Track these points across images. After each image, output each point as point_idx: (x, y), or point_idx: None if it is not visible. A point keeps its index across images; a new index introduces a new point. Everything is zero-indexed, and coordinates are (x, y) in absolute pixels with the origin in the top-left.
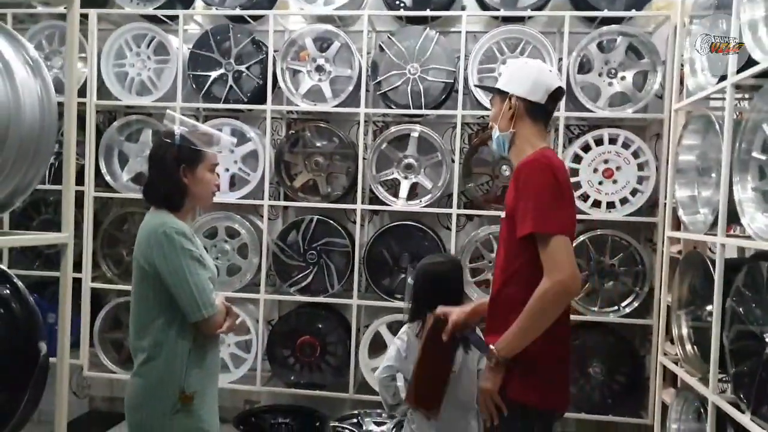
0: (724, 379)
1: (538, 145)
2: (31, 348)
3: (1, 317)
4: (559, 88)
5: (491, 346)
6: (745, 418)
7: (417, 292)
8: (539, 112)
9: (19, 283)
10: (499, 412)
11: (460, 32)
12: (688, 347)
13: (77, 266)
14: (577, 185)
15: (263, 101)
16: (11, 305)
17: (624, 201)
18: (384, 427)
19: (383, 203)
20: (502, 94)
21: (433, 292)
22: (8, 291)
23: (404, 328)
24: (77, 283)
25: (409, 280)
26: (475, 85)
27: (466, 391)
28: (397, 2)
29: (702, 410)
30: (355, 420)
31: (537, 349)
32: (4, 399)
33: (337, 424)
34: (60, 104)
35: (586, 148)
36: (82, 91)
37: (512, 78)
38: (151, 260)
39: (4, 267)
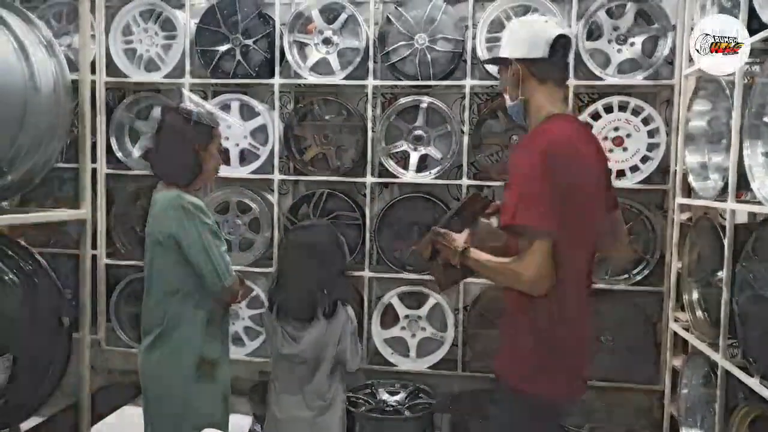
0: (733, 344)
1: (549, 112)
2: (55, 321)
3: (25, 292)
4: (561, 35)
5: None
6: (754, 382)
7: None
8: (544, 69)
9: (42, 260)
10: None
11: (467, 1)
12: (699, 313)
13: (92, 243)
14: None
15: (271, 75)
16: (35, 280)
17: (634, 169)
18: (398, 397)
19: (393, 176)
20: (505, 62)
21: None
22: (31, 267)
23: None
24: (92, 260)
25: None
26: (482, 62)
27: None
28: None
29: (712, 375)
30: (368, 390)
31: (532, 334)
32: (32, 370)
33: (351, 394)
34: (72, 82)
35: (596, 117)
36: (91, 69)
37: (509, 41)
38: (170, 233)
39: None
